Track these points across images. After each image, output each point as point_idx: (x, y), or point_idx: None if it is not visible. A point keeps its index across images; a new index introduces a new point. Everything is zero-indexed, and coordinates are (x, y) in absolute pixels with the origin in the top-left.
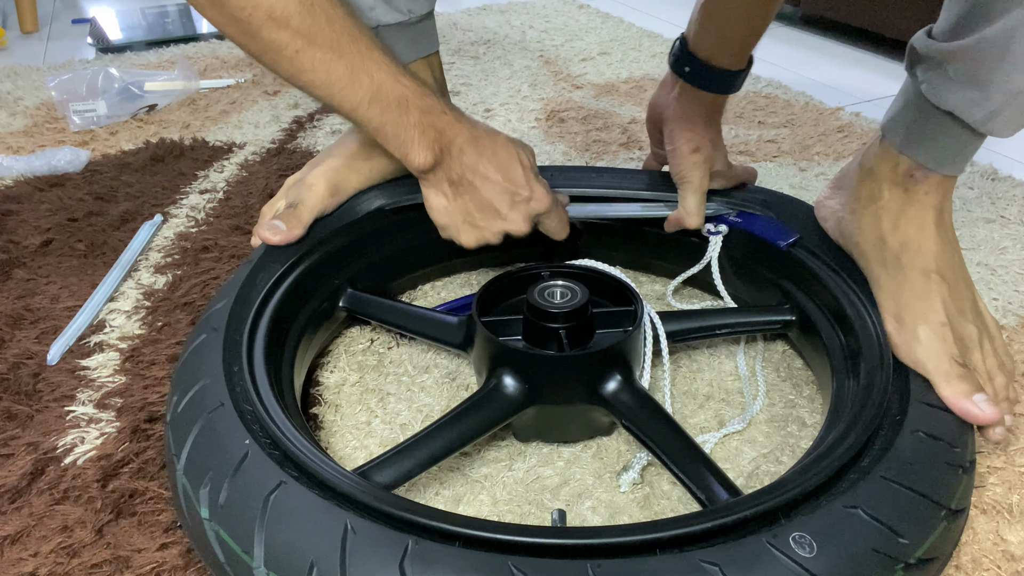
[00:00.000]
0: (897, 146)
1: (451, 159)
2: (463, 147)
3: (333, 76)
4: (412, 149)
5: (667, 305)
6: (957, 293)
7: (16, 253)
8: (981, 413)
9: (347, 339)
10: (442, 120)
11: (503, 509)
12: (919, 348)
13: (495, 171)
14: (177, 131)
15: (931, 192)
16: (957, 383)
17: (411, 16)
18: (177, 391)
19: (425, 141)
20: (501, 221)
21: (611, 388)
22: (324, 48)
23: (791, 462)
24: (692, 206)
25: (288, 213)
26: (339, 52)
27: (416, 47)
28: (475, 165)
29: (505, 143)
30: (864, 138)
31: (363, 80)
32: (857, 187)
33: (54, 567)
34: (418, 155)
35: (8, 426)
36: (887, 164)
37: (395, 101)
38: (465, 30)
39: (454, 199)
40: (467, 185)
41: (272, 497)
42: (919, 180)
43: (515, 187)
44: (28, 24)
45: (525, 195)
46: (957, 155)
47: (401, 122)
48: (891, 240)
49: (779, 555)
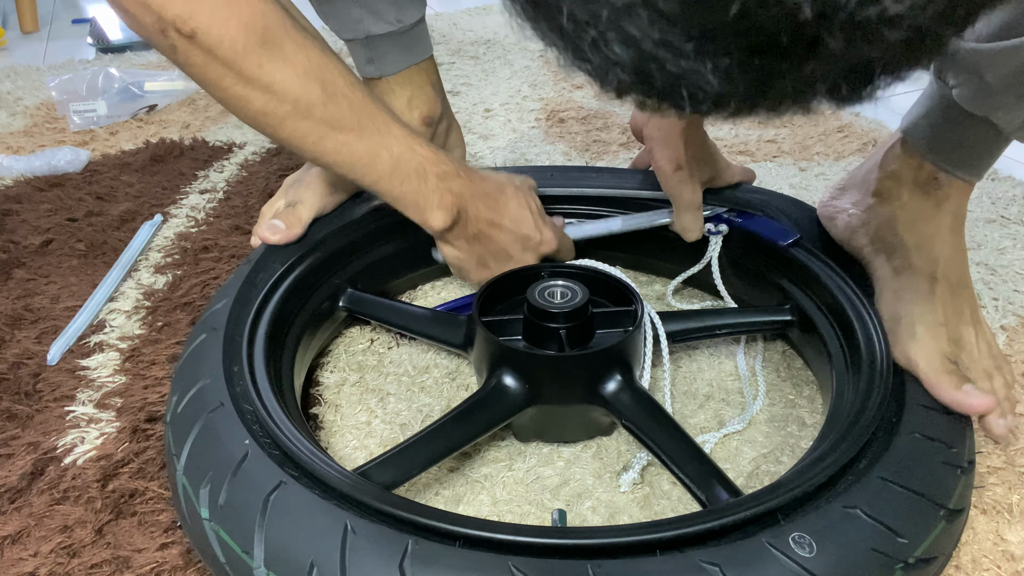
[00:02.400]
0: (922, 150)
1: (467, 218)
2: (478, 206)
3: (354, 156)
4: (432, 214)
5: (667, 305)
6: (959, 297)
7: (16, 253)
8: (973, 400)
9: (347, 339)
10: (457, 184)
11: (503, 509)
12: (913, 346)
13: (509, 223)
14: (177, 131)
15: (952, 196)
16: (946, 377)
17: (401, 25)
18: (177, 391)
19: (444, 205)
20: (513, 263)
21: (611, 388)
22: (346, 132)
23: (791, 462)
24: (686, 222)
25: (288, 212)
26: (359, 134)
27: (409, 54)
28: (489, 220)
29: (514, 193)
30: (864, 138)
31: (383, 156)
32: (876, 187)
33: (54, 567)
34: (437, 219)
35: (8, 426)
36: (910, 167)
37: (413, 172)
38: (465, 30)
39: (469, 249)
40: (483, 238)
41: (272, 497)
42: (942, 184)
43: (527, 235)
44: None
45: (536, 240)
46: (982, 161)
47: (420, 191)
48: (906, 240)
49: (779, 555)
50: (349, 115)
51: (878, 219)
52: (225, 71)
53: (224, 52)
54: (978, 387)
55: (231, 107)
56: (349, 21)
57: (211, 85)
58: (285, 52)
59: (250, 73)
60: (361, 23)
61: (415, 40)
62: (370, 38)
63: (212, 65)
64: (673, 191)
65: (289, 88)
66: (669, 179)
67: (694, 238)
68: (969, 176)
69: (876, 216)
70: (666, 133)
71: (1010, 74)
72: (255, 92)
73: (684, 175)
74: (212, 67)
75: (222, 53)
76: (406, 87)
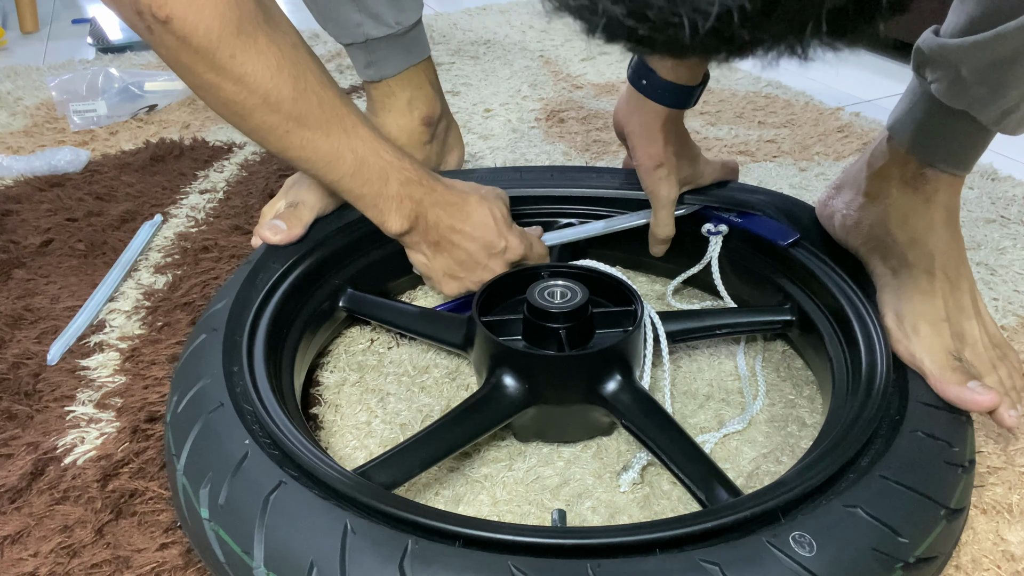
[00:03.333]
0: (906, 146)
1: (427, 225)
2: (439, 213)
3: (319, 153)
4: (388, 217)
5: (667, 305)
6: (959, 291)
7: (16, 253)
8: (979, 397)
9: (347, 339)
10: (419, 190)
11: (503, 509)
12: (916, 343)
13: (471, 229)
14: (177, 131)
15: (941, 191)
16: (950, 374)
17: (399, 28)
18: (177, 391)
19: (402, 210)
20: (481, 271)
21: (611, 388)
22: (312, 128)
23: (791, 462)
24: (661, 219)
25: (288, 213)
26: (326, 132)
27: (408, 56)
28: (450, 227)
29: (478, 202)
30: (864, 138)
31: (347, 156)
32: (866, 186)
33: (54, 567)
34: (394, 223)
35: (8, 426)
36: (896, 164)
37: (376, 175)
38: (465, 30)
39: (434, 257)
40: (446, 244)
41: (272, 497)
42: (929, 179)
43: (491, 241)
44: (28, 24)
45: (501, 247)
46: (967, 154)
47: (380, 193)
48: (899, 237)
49: (779, 555)
50: (318, 112)
51: (870, 218)
52: (197, 58)
53: (198, 40)
54: (984, 382)
55: (201, 93)
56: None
57: (183, 70)
58: (258, 44)
59: (222, 63)
60: (361, 27)
61: (413, 41)
62: (369, 41)
63: (185, 51)
64: (651, 188)
65: (260, 81)
66: (649, 176)
67: (666, 235)
68: (956, 169)
69: (868, 215)
70: (647, 129)
71: (984, 68)
72: (226, 82)
73: (663, 173)
74: (185, 53)
75: (196, 41)
76: (406, 88)
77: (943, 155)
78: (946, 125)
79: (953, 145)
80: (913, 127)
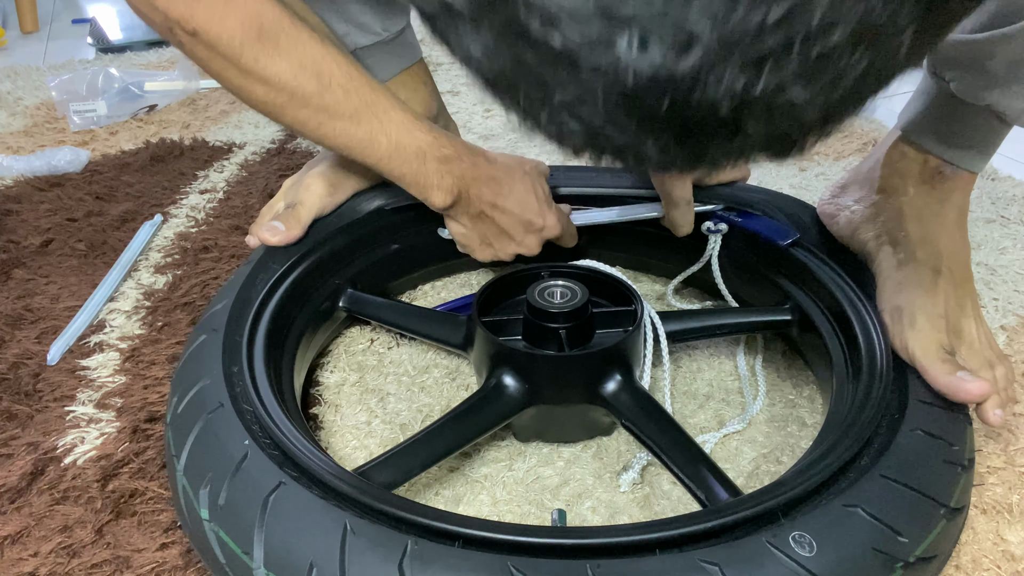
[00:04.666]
0: (924, 145)
1: (469, 199)
2: (481, 188)
3: (354, 141)
4: (431, 194)
5: (667, 305)
6: (962, 291)
7: (16, 253)
8: (968, 385)
9: (347, 339)
10: (459, 166)
11: (503, 509)
12: (912, 336)
13: (512, 205)
14: (177, 131)
15: (956, 190)
16: (940, 364)
17: (387, 34)
18: (177, 391)
19: (443, 186)
20: (516, 245)
21: (611, 388)
22: (343, 119)
23: (791, 462)
24: (677, 218)
25: (287, 214)
26: (357, 121)
27: (398, 61)
28: (491, 203)
29: (521, 178)
30: (864, 138)
31: (381, 140)
32: (881, 184)
33: (54, 567)
34: (437, 198)
35: (8, 426)
36: (914, 162)
37: (413, 155)
38: None
39: (473, 227)
40: (486, 218)
41: (272, 497)
42: (947, 177)
43: (529, 220)
44: (28, 24)
45: (539, 224)
46: (986, 151)
47: (420, 172)
48: (912, 234)
49: (779, 555)
50: (345, 103)
51: (884, 214)
52: (227, 64)
53: (223, 48)
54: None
55: (238, 95)
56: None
57: (217, 76)
58: (281, 47)
59: (248, 67)
60: (348, 37)
61: (402, 46)
62: (358, 50)
63: (215, 59)
64: (663, 187)
65: (285, 80)
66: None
67: (685, 233)
68: (973, 167)
69: (882, 211)
70: None
71: (1013, 60)
72: (255, 84)
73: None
74: (215, 60)
75: (222, 49)
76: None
77: (962, 152)
78: (965, 122)
79: (972, 142)
80: (931, 126)
